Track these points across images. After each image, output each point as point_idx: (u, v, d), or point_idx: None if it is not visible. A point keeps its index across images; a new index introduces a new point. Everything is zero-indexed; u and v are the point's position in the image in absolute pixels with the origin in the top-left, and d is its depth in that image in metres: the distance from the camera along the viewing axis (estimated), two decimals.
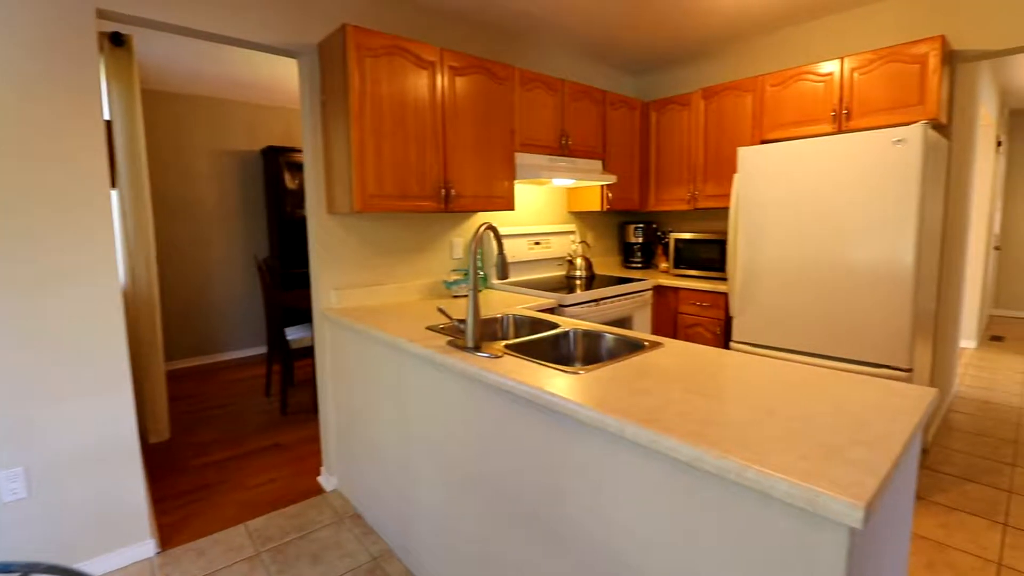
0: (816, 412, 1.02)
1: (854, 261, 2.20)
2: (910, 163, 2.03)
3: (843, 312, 2.25)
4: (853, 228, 2.20)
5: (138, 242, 2.78)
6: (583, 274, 3.09)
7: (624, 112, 3.25)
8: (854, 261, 2.20)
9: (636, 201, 3.40)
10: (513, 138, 2.61)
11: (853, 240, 2.20)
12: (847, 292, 2.23)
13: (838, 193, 2.23)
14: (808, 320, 2.36)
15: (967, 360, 4.29)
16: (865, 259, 2.17)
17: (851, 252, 2.21)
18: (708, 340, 2.90)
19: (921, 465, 2.53)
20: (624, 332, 1.72)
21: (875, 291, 2.15)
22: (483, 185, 2.50)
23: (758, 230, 2.51)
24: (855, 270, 2.20)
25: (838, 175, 2.22)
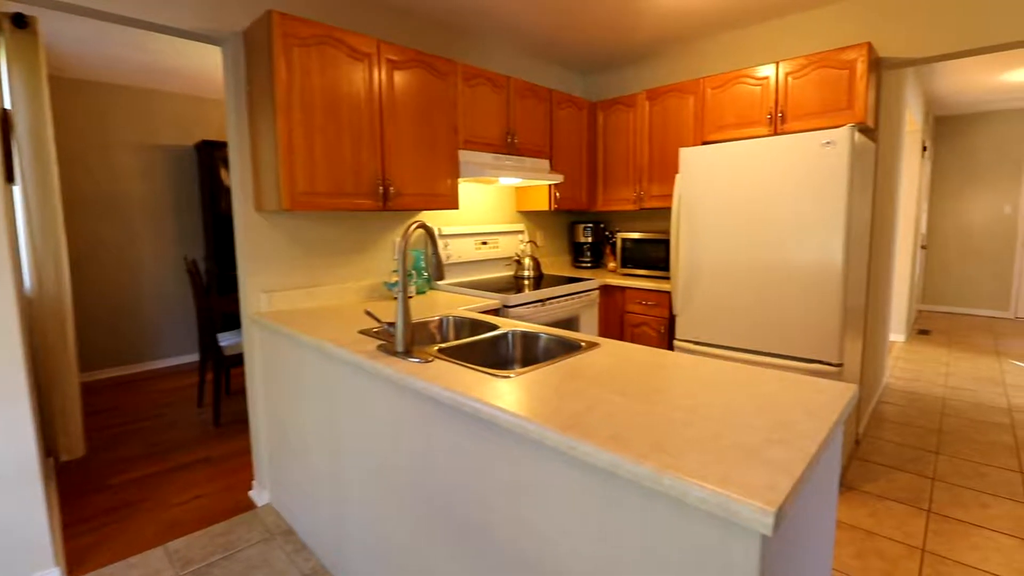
0: (739, 411, 1.01)
1: (788, 260, 2.26)
2: (839, 165, 2.10)
3: (778, 310, 2.30)
4: (786, 228, 2.25)
5: (45, 242, 2.54)
6: (531, 274, 3.05)
7: (571, 112, 3.24)
8: (788, 260, 2.26)
9: (584, 201, 3.40)
10: (456, 135, 2.54)
11: (787, 239, 2.26)
12: (782, 290, 2.28)
13: (772, 194, 2.28)
14: (746, 318, 2.41)
15: (896, 353, 4.53)
16: (798, 258, 2.23)
17: (785, 251, 2.26)
18: (653, 338, 2.92)
19: (854, 456, 2.63)
20: (562, 333, 1.69)
21: (807, 289, 2.21)
22: (425, 183, 2.43)
23: (698, 230, 2.54)
24: (789, 269, 2.26)
25: (772, 176, 2.27)
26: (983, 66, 4.10)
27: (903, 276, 4.91)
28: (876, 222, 2.78)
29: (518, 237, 3.26)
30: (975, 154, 6.03)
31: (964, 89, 4.83)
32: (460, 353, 1.60)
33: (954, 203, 6.21)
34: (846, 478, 2.41)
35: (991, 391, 3.54)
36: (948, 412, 3.18)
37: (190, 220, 4.66)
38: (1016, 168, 5.81)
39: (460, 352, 1.61)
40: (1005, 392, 3.51)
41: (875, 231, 2.77)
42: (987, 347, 4.70)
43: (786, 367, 2.28)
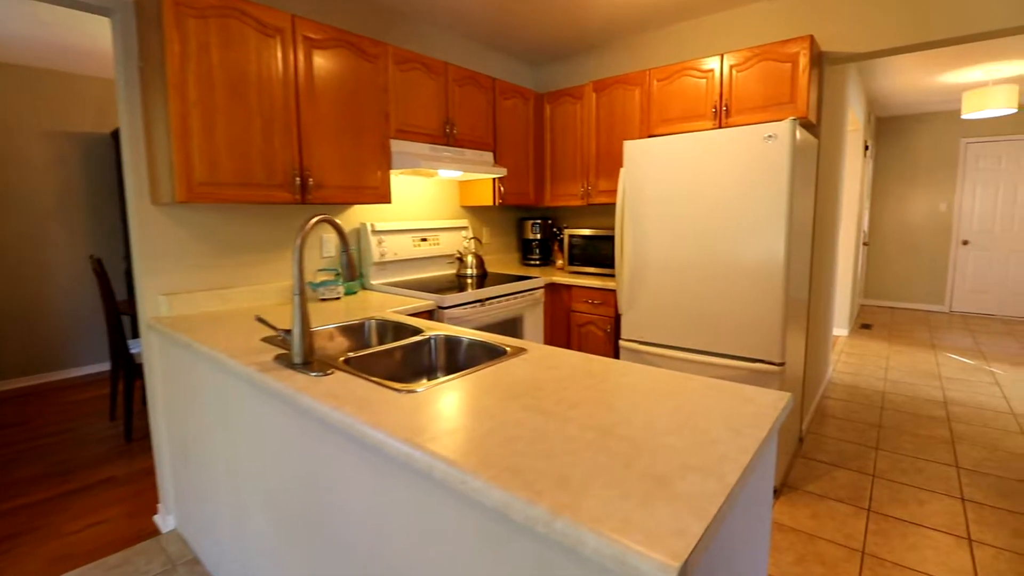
0: (659, 428, 0.89)
1: (731, 256, 2.19)
2: (780, 159, 2.04)
3: (722, 308, 2.23)
4: (730, 223, 2.18)
5: None
6: (474, 273, 2.90)
7: (517, 103, 3.10)
8: (731, 256, 2.19)
9: (531, 196, 3.27)
10: (388, 124, 2.36)
11: (730, 235, 2.19)
12: (725, 288, 2.22)
13: (716, 188, 2.20)
14: (691, 316, 2.33)
15: (840, 347, 4.63)
16: (741, 254, 2.16)
17: (728, 247, 2.19)
18: (599, 338, 2.83)
19: (797, 454, 2.61)
20: (487, 337, 1.54)
21: (750, 286, 2.15)
22: (351, 174, 2.23)
23: (643, 226, 2.45)
24: (732, 265, 2.19)
25: (716, 170, 2.20)
26: (922, 67, 4.20)
27: (846, 272, 5.03)
28: (819, 218, 2.76)
29: (461, 233, 3.10)
30: (914, 154, 6.26)
31: (904, 90, 4.97)
32: (369, 363, 1.44)
33: (894, 201, 6.43)
34: (789, 478, 2.38)
35: (928, 384, 3.63)
36: (888, 406, 3.22)
37: (108, 215, 4.27)
38: (951, 168, 6.06)
39: (369, 362, 1.44)
40: (941, 385, 3.60)
41: (817, 227, 2.75)
42: (924, 340, 4.86)
43: (730, 367, 2.22)
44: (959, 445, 2.68)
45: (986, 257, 5.94)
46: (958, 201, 6.04)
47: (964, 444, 2.69)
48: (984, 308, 6.00)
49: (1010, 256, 5.82)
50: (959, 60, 3.99)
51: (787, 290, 2.08)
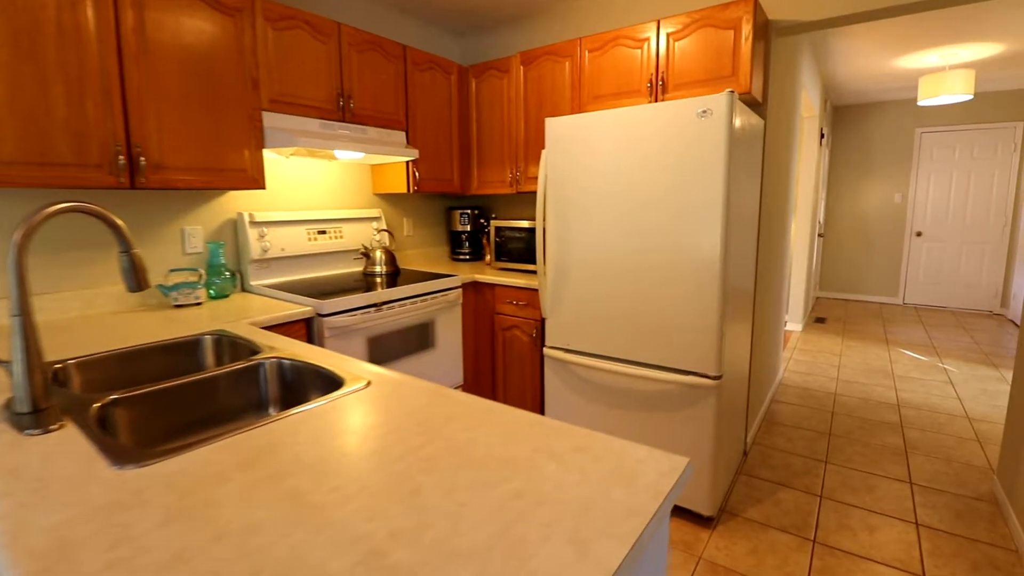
0: (460, 547, 0.55)
1: (662, 251, 1.88)
2: (716, 138, 1.73)
3: (652, 311, 1.93)
4: (661, 213, 1.87)
5: None
6: (384, 270, 2.53)
7: (437, 76, 2.71)
8: (662, 251, 1.88)
9: (456, 183, 2.91)
10: (257, 93, 1.95)
11: (661, 227, 1.88)
12: (656, 288, 1.91)
13: (646, 173, 1.89)
14: (618, 321, 2.02)
15: (793, 343, 4.45)
16: (673, 249, 1.86)
17: (659, 241, 1.88)
18: (524, 345, 2.50)
19: (740, 471, 2.35)
20: (331, 364, 1.19)
21: (683, 286, 1.85)
22: (204, 153, 1.82)
23: (566, 217, 2.12)
24: (663, 262, 1.89)
25: (646, 152, 1.88)
26: (878, 49, 4.00)
27: (801, 264, 4.85)
28: (766, 207, 2.49)
29: (373, 225, 2.71)
30: (870, 144, 6.15)
31: (860, 75, 4.79)
32: (151, 404, 1.06)
33: (850, 192, 6.33)
34: (729, 502, 2.11)
35: (881, 384, 3.45)
36: (840, 410, 3.02)
37: None
38: (906, 158, 5.97)
39: (151, 403, 1.06)
40: (894, 384, 3.43)
41: (765, 217, 2.48)
42: (878, 335, 4.74)
43: (661, 381, 1.92)
44: (913, 456, 2.47)
45: (939, 248, 5.90)
46: (912, 192, 5.96)
47: (918, 455, 2.49)
48: (937, 300, 5.97)
49: (962, 248, 5.78)
50: (916, 42, 3.80)
51: (725, 288, 1.79)
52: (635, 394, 2.01)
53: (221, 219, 2.20)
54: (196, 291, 1.94)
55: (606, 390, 2.09)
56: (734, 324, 1.99)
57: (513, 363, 2.56)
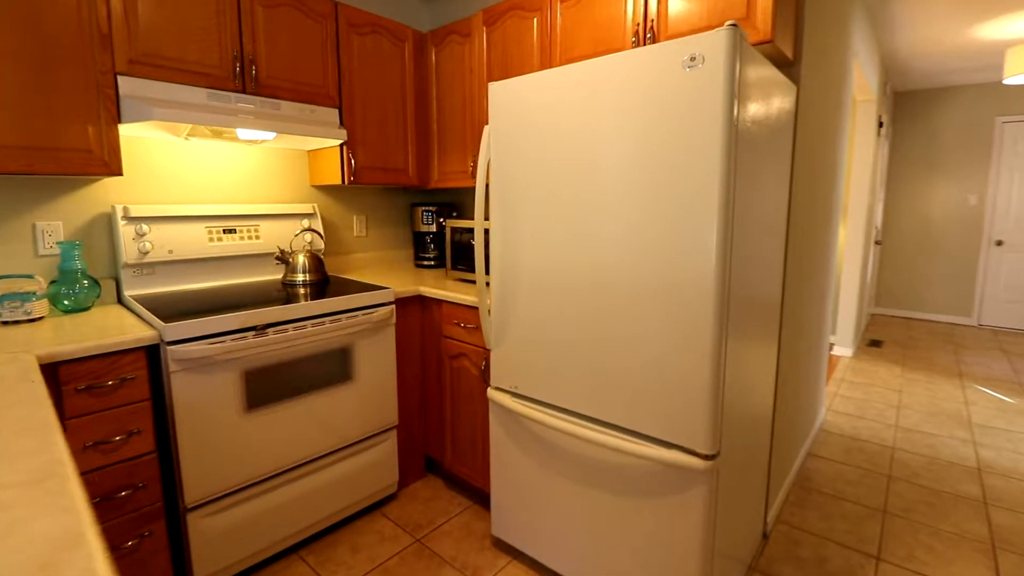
0: None
1: (633, 267, 1.31)
2: (710, 98, 1.15)
3: (620, 351, 1.36)
4: (630, 213, 1.30)
5: None
6: (306, 279, 2.05)
7: (383, 43, 2.22)
8: (633, 267, 1.31)
9: (410, 173, 2.40)
10: (109, 50, 1.50)
11: (632, 232, 1.31)
12: (624, 319, 1.34)
13: (615, 155, 1.32)
14: (577, 362, 1.46)
15: (841, 373, 3.71)
16: (647, 264, 1.28)
17: (631, 251, 1.31)
18: (473, 380, 1.96)
19: (753, 566, 1.73)
20: None
21: (661, 319, 1.27)
22: (26, 128, 1.38)
23: (513, 216, 1.58)
24: (634, 282, 1.31)
25: (615, 126, 1.31)
26: (951, 13, 3.24)
27: (852, 276, 4.09)
28: (801, 205, 1.86)
29: (302, 223, 2.24)
30: (939, 135, 5.25)
31: (927, 50, 3.99)
32: None
33: (914, 191, 5.44)
34: None
35: (954, 436, 2.71)
36: (898, 473, 2.32)
37: None
38: (983, 152, 5.05)
39: None
40: (971, 437, 2.69)
41: (799, 218, 1.85)
42: (947, 364, 3.92)
43: (635, 455, 1.34)
44: (1004, 555, 1.78)
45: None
46: (991, 193, 5.03)
47: (1013, 554, 1.79)
48: (1021, 322, 5.02)
49: None
50: (1002, 2, 3.02)
51: (723, 322, 1.20)
52: (601, 467, 1.44)
53: (91, 213, 1.77)
54: (28, 304, 1.51)
55: (564, 456, 1.53)
56: (743, 367, 1.39)
57: (462, 401, 2.02)
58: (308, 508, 1.77)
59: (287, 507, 1.72)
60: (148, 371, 1.41)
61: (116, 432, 1.37)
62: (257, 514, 1.64)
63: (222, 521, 1.56)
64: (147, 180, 1.88)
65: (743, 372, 1.40)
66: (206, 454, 1.50)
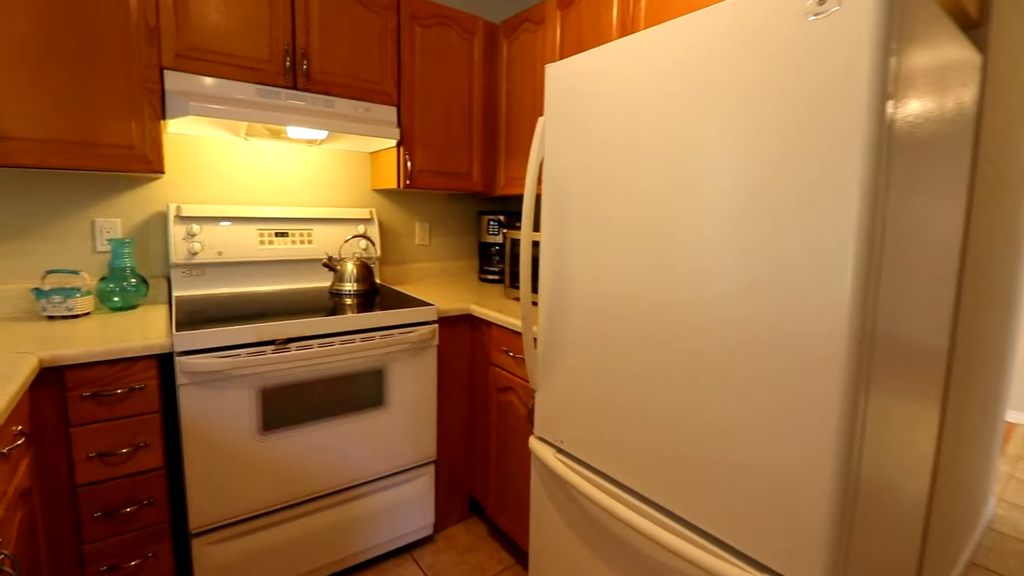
0: None
1: (726, 302, 0.94)
2: (843, 60, 0.76)
3: (697, 419, 0.99)
4: (727, 232, 0.94)
5: None
6: (355, 288, 1.91)
7: (450, 36, 2.04)
8: (726, 302, 0.94)
9: (475, 178, 2.18)
10: (156, 43, 1.46)
11: (727, 258, 0.94)
12: (707, 374, 0.97)
13: (699, 151, 0.97)
14: (635, 427, 1.11)
15: (1017, 449, 2.84)
16: (751, 300, 0.91)
17: (720, 283, 0.95)
18: (520, 419, 1.66)
19: None
20: None
21: (764, 378, 0.89)
22: (70, 122, 1.37)
23: (565, 228, 1.27)
24: (728, 325, 0.94)
25: (699, 109, 0.96)
26: None
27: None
28: (980, 227, 1.33)
29: (358, 228, 2.11)
30: None
31: None
32: None
33: None
34: None
35: None
36: None
37: None
38: None
39: None
40: None
41: (979, 245, 1.33)
42: None
43: (716, 575, 0.96)
44: None
45: None
46: None
47: None
48: None
49: None
50: None
51: (859, 384, 0.79)
52: (662, 572, 1.08)
53: (149, 211, 1.77)
54: (71, 300, 1.50)
55: (616, 544, 1.18)
56: (886, 449, 0.95)
57: (508, 443, 1.74)
58: (328, 545, 1.59)
59: (304, 542, 1.55)
60: (159, 381, 1.31)
61: (123, 444, 1.28)
62: (270, 547, 1.49)
63: (229, 551, 1.43)
64: (205, 180, 1.85)
65: (887, 456, 0.95)
66: (214, 476, 1.38)
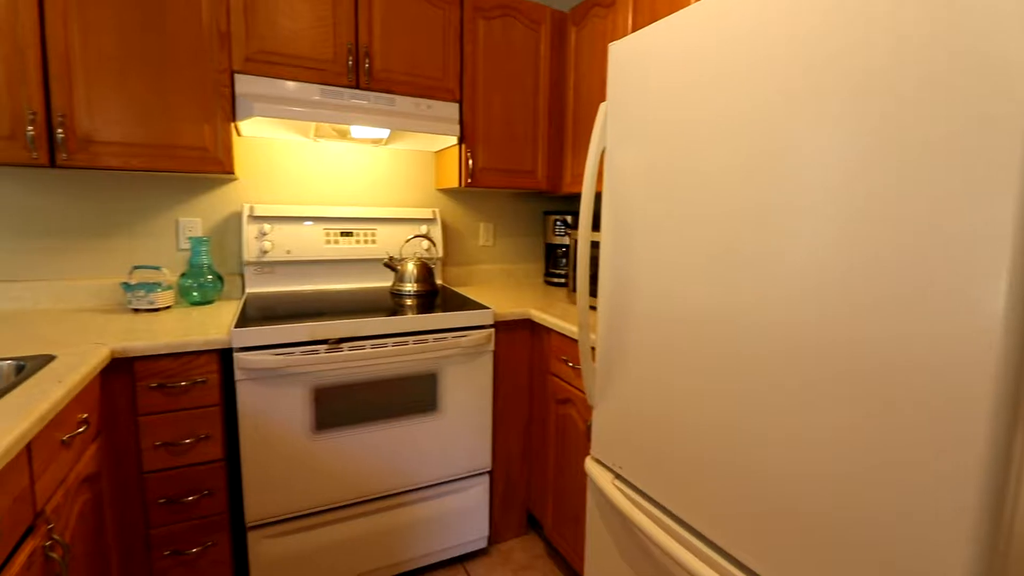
0: None
1: (830, 316, 0.76)
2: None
3: (786, 458, 0.81)
4: (836, 228, 0.76)
5: None
6: (415, 288, 1.88)
7: (515, 27, 1.95)
8: (830, 316, 0.76)
9: (539, 175, 2.08)
10: (227, 48, 1.51)
11: (837, 262, 0.76)
12: (800, 402, 0.79)
13: (806, 141, 0.80)
14: (707, 460, 0.94)
15: None
16: (867, 315, 0.73)
17: (826, 293, 0.77)
18: (579, 435, 1.53)
19: None
20: None
21: (878, 414, 0.70)
22: (149, 126, 1.45)
23: (629, 228, 1.13)
24: (832, 345, 0.76)
25: (801, 79, 0.79)
26: None
27: None
28: None
29: (421, 228, 2.09)
30: None
31: None
32: None
33: None
34: None
35: None
36: None
37: None
38: None
39: None
40: None
41: None
42: None
43: None
44: None
45: None
46: None
47: None
48: None
49: None
50: None
51: (1011, 427, 0.59)
52: None
53: (226, 211, 1.85)
54: (152, 294, 1.59)
55: None
56: None
57: (567, 459, 1.61)
58: (380, 549, 1.57)
59: (356, 544, 1.53)
60: (220, 376, 1.35)
61: (186, 435, 1.32)
62: (322, 546, 1.48)
63: (283, 547, 1.44)
64: (277, 181, 1.91)
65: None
66: (269, 471, 1.39)
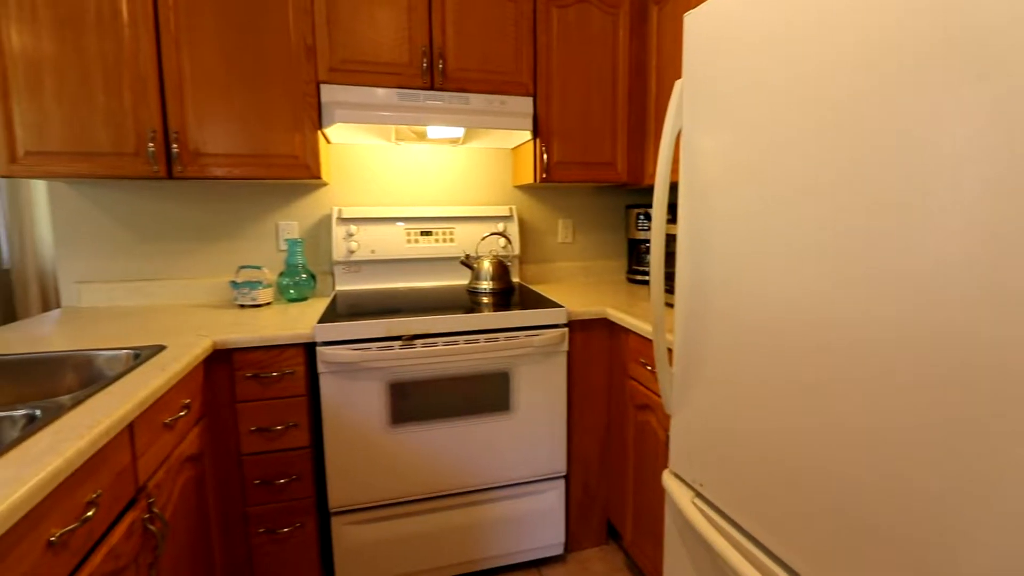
0: None
1: (963, 324, 0.62)
2: None
3: (904, 487, 0.67)
4: (960, 219, 0.61)
5: None
6: (491, 286, 1.88)
7: (591, 13, 1.87)
8: (963, 324, 0.62)
9: (619, 167, 1.98)
10: (313, 60, 1.60)
11: (973, 264, 0.62)
12: (929, 424, 0.65)
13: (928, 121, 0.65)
14: (808, 487, 0.82)
15: None
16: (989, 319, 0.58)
17: (963, 299, 0.63)
18: (659, 444, 1.42)
19: None
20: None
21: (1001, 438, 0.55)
22: (248, 137, 1.58)
23: (708, 221, 1.01)
24: (962, 353, 0.62)
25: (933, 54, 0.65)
26: None
27: None
28: None
29: (498, 226, 2.08)
30: None
31: None
32: None
33: None
34: None
35: None
36: None
37: None
38: None
39: None
40: None
41: None
42: None
43: None
44: None
45: None
46: None
47: None
48: None
49: None
50: None
51: None
52: None
53: (319, 214, 1.98)
54: (254, 292, 1.74)
55: None
56: None
57: (647, 468, 1.51)
58: (455, 545, 1.58)
59: (432, 538, 1.56)
60: (307, 368, 1.43)
61: (276, 422, 1.42)
62: (398, 536, 1.53)
63: (364, 534, 1.50)
64: (363, 184, 2.01)
65: None
66: (349, 460, 1.45)
